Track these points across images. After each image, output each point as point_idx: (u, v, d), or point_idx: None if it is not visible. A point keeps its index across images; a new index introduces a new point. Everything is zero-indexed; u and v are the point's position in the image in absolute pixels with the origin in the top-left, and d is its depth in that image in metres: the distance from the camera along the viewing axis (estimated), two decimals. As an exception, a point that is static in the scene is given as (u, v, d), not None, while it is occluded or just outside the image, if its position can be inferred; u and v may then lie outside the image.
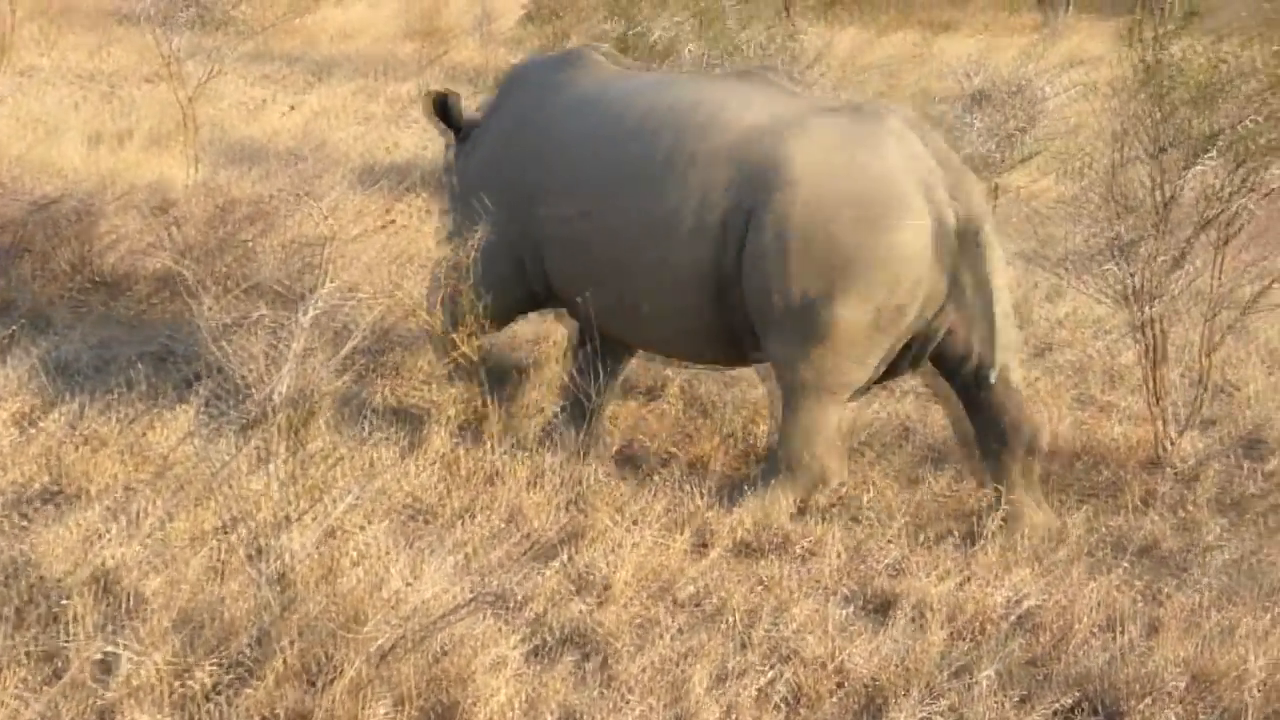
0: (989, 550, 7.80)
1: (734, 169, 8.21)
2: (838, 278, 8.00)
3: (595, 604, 7.04)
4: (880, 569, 7.63)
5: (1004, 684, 6.63)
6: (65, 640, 6.22)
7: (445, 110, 9.37)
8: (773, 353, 8.27)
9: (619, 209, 8.43)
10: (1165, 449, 9.21)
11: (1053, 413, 9.87)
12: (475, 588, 6.91)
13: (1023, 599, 7.28)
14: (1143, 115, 9.19)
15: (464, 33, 25.06)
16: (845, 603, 7.20)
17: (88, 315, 10.65)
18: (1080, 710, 6.58)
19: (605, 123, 8.67)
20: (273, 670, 6.07)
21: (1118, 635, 7.04)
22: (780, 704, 6.44)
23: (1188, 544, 8.18)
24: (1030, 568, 7.66)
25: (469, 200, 9.00)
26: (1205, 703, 6.62)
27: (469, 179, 9.17)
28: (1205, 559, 7.98)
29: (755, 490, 8.17)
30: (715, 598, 7.20)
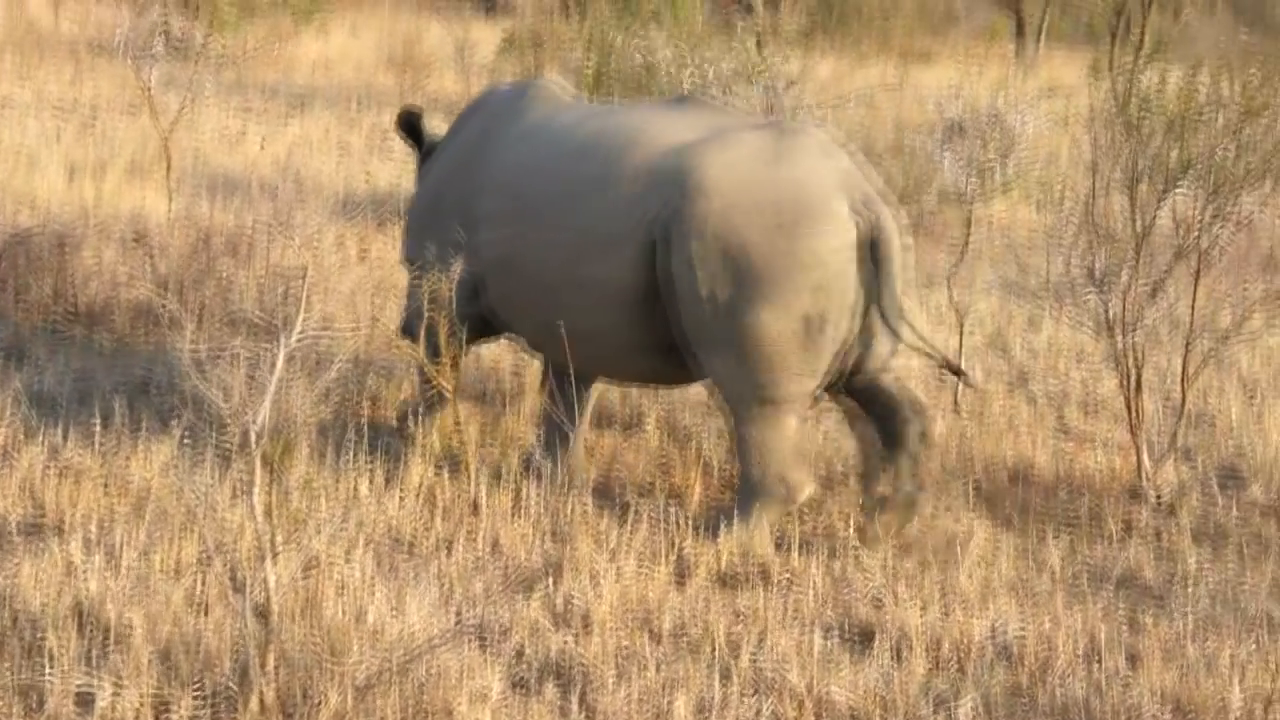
0: (970, 580, 7.81)
1: (651, 183, 8.24)
2: (758, 287, 7.97)
3: (577, 635, 7.02)
4: (861, 599, 7.63)
5: (985, 714, 6.63)
6: (44, 673, 6.20)
7: (411, 127, 9.57)
8: (709, 370, 8.25)
9: (548, 230, 8.48)
10: (1145, 478, 9.23)
11: (1032, 441, 9.91)
12: (458, 619, 6.90)
13: (1004, 629, 7.29)
14: (1119, 144, 9.25)
15: (443, 63, 25.11)
16: (826, 633, 7.20)
17: (67, 346, 10.63)
18: (1062, 740, 6.59)
19: (542, 149, 8.77)
20: (254, 702, 6.05)
21: (1099, 665, 7.05)
22: (762, 735, 6.44)
23: (1168, 573, 8.20)
24: (1011, 597, 7.67)
25: (421, 220, 9.19)
26: (1187, 732, 6.64)
27: (422, 200, 9.36)
28: (1186, 588, 7.99)
29: (732, 519, 8.17)
30: (696, 628, 7.20)
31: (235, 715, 6.05)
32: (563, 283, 8.44)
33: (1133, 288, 9.15)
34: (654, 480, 8.96)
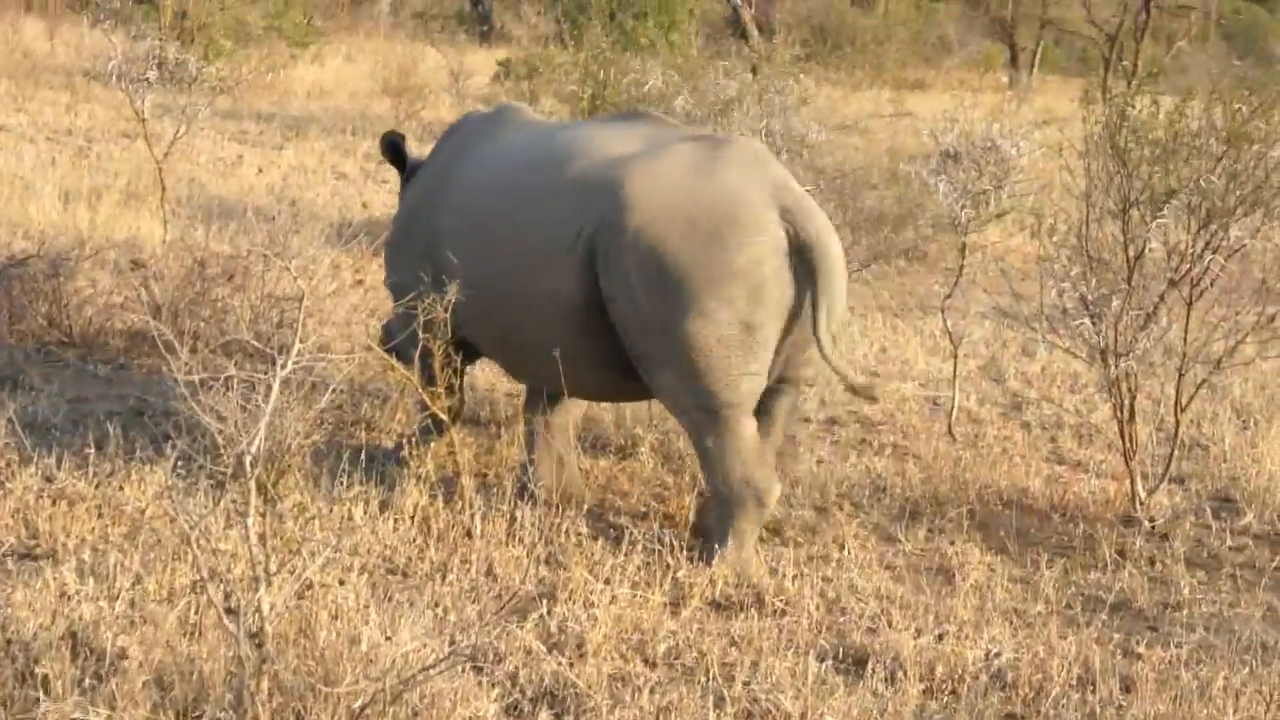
0: (964, 606, 7.82)
1: (586, 197, 8.25)
2: (691, 298, 7.94)
3: (571, 660, 7.02)
4: (855, 624, 7.63)
5: (980, 740, 6.64)
6: (38, 700, 6.19)
7: (395, 150, 9.68)
8: (656, 384, 8.23)
9: (497, 245, 8.51)
10: (1139, 505, 9.24)
11: (1026, 468, 9.92)
12: (452, 644, 6.89)
13: (998, 654, 7.29)
14: (1111, 172, 9.28)
15: (438, 90, 25.19)
16: (821, 658, 7.19)
17: (61, 372, 10.64)
18: (1056, 766, 6.59)
19: (494, 167, 8.83)
20: (248, 728, 6.04)
21: (1093, 691, 7.05)
22: (757, 761, 6.44)
23: (1162, 600, 8.20)
24: (1005, 623, 7.67)
25: (398, 242, 9.29)
26: (1181, 758, 6.64)
27: (398, 223, 9.44)
28: (1180, 615, 8.00)
29: (715, 540, 8.16)
30: (691, 654, 7.20)
31: (229, 741, 6.04)
32: (514, 299, 8.46)
33: (1125, 315, 9.18)
34: (648, 506, 8.97)
